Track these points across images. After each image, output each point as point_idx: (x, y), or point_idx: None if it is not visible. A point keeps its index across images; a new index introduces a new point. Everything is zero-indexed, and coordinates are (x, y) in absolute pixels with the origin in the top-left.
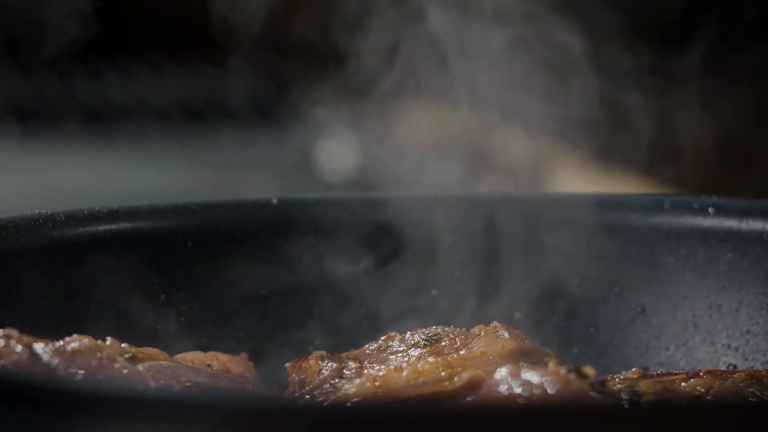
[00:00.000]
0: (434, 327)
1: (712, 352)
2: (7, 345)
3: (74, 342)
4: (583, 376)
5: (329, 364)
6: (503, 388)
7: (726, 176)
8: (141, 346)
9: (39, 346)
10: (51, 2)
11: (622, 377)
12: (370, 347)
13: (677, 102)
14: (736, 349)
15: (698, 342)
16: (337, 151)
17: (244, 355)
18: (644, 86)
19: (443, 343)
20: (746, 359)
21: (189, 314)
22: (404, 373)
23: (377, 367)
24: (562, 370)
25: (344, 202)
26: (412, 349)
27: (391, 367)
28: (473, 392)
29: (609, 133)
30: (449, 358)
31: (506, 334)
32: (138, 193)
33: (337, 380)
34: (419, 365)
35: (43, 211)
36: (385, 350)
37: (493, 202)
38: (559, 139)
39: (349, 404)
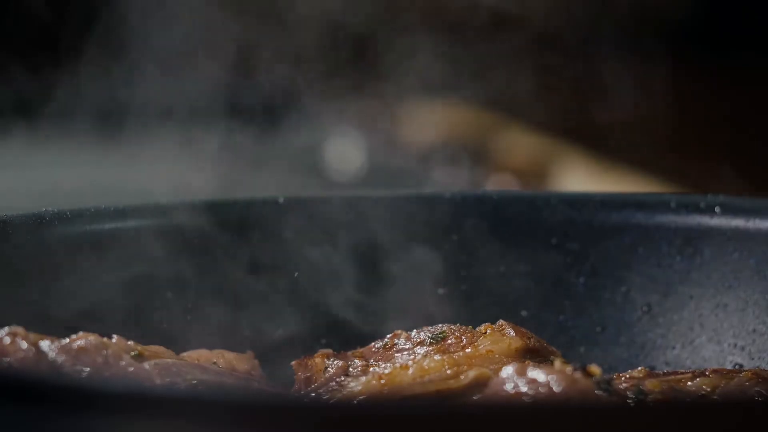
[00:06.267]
0: (440, 325)
1: (719, 351)
2: (13, 342)
3: (80, 339)
4: (589, 374)
5: (335, 362)
6: (509, 387)
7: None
8: (147, 344)
9: (45, 344)
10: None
11: (628, 376)
12: (376, 345)
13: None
14: (743, 349)
15: (704, 341)
16: (343, 151)
17: (250, 353)
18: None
19: (449, 341)
20: (752, 358)
21: (195, 312)
22: (410, 371)
23: (383, 365)
24: (568, 369)
25: (350, 200)
26: (418, 347)
27: (397, 365)
28: (479, 390)
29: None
30: (455, 356)
31: (512, 333)
32: (144, 191)
33: (342, 378)
34: (425, 363)
35: (50, 208)
36: (391, 348)
37: (499, 200)
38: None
39: (354, 402)
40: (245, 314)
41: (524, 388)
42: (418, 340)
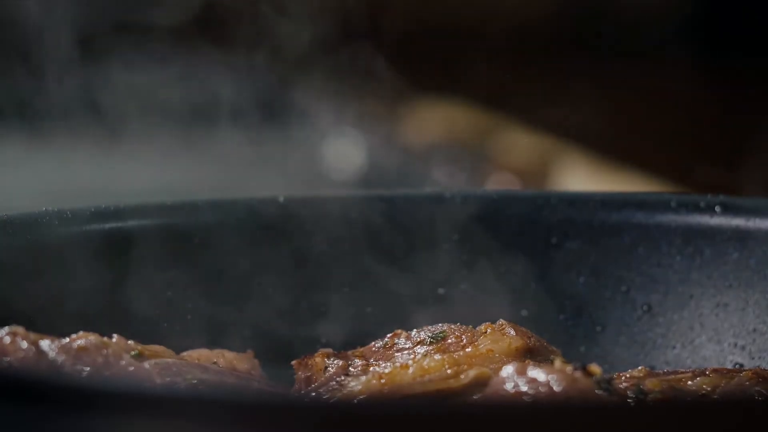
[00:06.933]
0: (440, 324)
1: (719, 351)
2: (13, 342)
3: (80, 339)
4: (589, 374)
5: (335, 362)
6: (509, 386)
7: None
8: (147, 344)
9: (45, 343)
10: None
11: (628, 375)
12: (377, 344)
13: None
14: (743, 348)
15: (705, 341)
16: (343, 151)
17: (250, 353)
18: None
19: (449, 341)
20: (753, 358)
21: (195, 311)
22: (410, 371)
23: (383, 365)
24: (569, 368)
25: (351, 200)
26: (419, 346)
27: (397, 364)
28: (479, 390)
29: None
30: (455, 356)
31: (513, 332)
32: (145, 191)
33: (343, 377)
34: (425, 363)
35: (50, 208)
36: (391, 347)
37: (499, 200)
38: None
39: (355, 401)
40: (245, 314)
41: (524, 388)
42: (418, 339)
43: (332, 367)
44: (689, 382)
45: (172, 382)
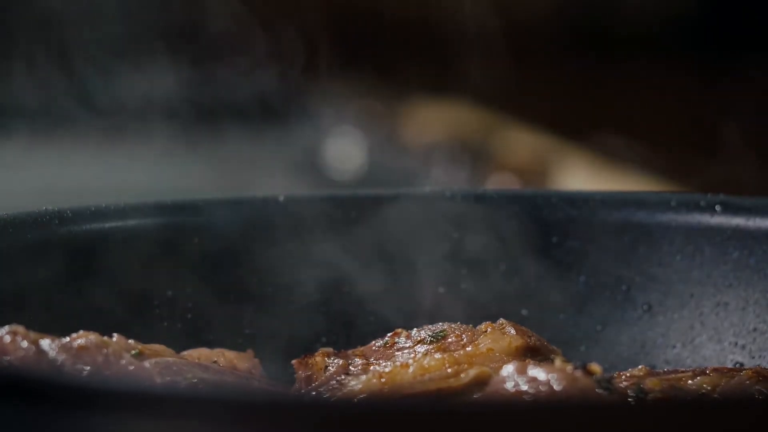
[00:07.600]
0: (441, 323)
1: (719, 350)
2: (13, 341)
3: (81, 338)
4: (589, 373)
5: (335, 361)
6: (510, 385)
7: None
8: (147, 343)
9: (46, 343)
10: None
11: (628, 375)
12: (377, 344)
13: None
14: (743, 347)
15: (705, 340)
16: (343, 150)
17: (250, 352)
18: None
19: (450, 340)
20: (753, 357)
21: (195, 311)
22: (410, 370)
23: (383, 364)
24: (569, 367)
25: (351, 199)
26: (419, 345)
27: (398, 363)
28: (480, 389)
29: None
30: (456, 355)
31: (513, 331)
32: (145, 190)
33: (343, 377)
34: (425, 362)
35: (50, 207)
36: (391, 347)
37: (499, 199)
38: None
39: (355, 401)
40: (245, 313)
41: (525, 387)
42: (419, 338)
43: (332, 367)
44: (689, 382)
45: (172, 381)
